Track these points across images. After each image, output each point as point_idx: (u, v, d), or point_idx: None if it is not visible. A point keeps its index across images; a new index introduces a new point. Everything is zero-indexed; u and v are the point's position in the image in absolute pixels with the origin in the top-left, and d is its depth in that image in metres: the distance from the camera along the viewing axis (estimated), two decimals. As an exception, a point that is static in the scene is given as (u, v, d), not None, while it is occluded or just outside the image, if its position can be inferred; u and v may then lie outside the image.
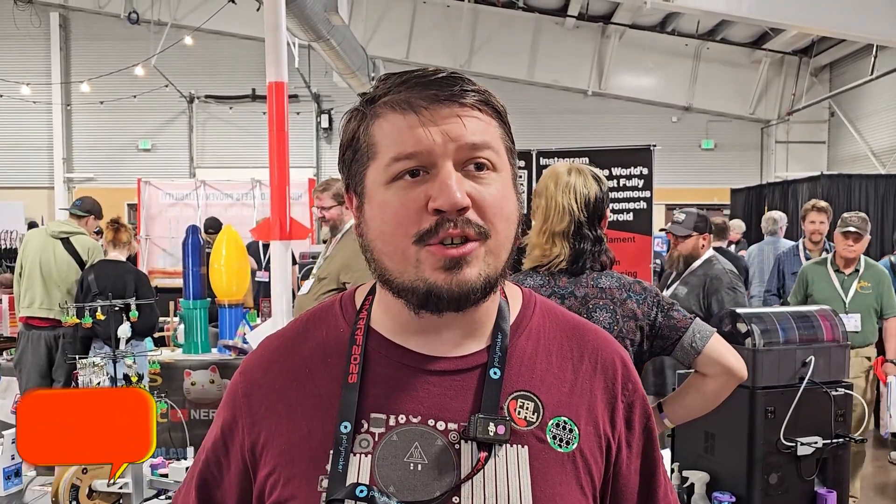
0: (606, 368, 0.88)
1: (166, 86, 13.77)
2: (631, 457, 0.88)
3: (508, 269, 0.82)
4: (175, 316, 5.08)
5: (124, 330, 3.30)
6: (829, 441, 2.64)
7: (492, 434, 0.77)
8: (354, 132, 0.82)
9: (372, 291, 0.88)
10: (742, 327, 2.70)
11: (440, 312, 0.79)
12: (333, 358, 0.84)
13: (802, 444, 2.59)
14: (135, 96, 13.55)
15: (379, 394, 0.81)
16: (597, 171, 1.95)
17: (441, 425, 0.80)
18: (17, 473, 2.39)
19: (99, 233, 5.60)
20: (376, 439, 0.79)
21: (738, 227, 8.30)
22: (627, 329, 1.78)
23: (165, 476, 2.49)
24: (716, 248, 6.25)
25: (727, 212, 12.05)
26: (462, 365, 0.82)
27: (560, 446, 0.81)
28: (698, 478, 2.68)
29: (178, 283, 6.23)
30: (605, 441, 0.85)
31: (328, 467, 0.78)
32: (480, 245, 0.77)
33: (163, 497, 2.47)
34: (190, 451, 2.82)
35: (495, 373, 0.81)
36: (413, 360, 0.82)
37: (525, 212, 0.93)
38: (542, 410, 0.82)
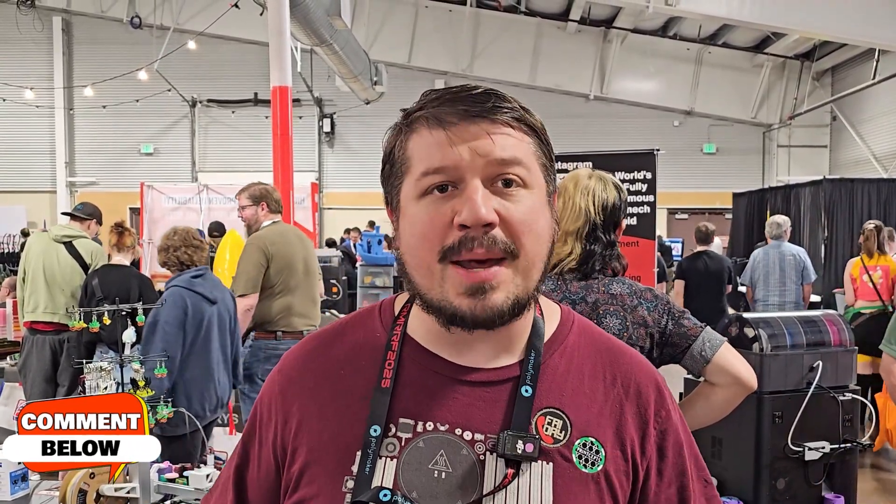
0: (640, 394, 0.87)
1: (169, 90, 13.80)
2: (661, 485, 0.86)
3: (541, 287, 0.82)
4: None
5: (129, 334, 3.29)
6: (836, 446, 2.64)
7: (520, 451, 0.77)
8: (392, 146, 0.83)
9: (411, 300, 0.88)
10: (749, 332, 2.69)
11: (469, 330, 0.79)
12: (367, 360, 0.85)
13: (810, 448, 2.59)
14: (137, 100, 13.59)
15: (409, 398, 0.82)
16: (617, 181, 1.96)
17: (468, 435, 0.80)
18: (24, 478, 2.37)
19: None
20: (402, 444, 0.80)
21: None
22: (637, 336, 1.78)
23: (173, 480, 2.48)
24: (701, 252, 6.38)
25: (729, 216, 12.04)
26: (494, 377, 0.82)
27: (585, 466, 0.80)
28: (705, 483, 2.67)
29: (181, 287, 6.20)
30: (633, 466, 0.84)
31: (354, 468, 0.79)
32: (508, 266, 0.77)
33: (169, 502, 2.46)
34: (195, 455, 2.82)
35: (527, 391, 0.81)
36: (445, 368, 0.83)
37: None
38: (570, 429, 0.81)
